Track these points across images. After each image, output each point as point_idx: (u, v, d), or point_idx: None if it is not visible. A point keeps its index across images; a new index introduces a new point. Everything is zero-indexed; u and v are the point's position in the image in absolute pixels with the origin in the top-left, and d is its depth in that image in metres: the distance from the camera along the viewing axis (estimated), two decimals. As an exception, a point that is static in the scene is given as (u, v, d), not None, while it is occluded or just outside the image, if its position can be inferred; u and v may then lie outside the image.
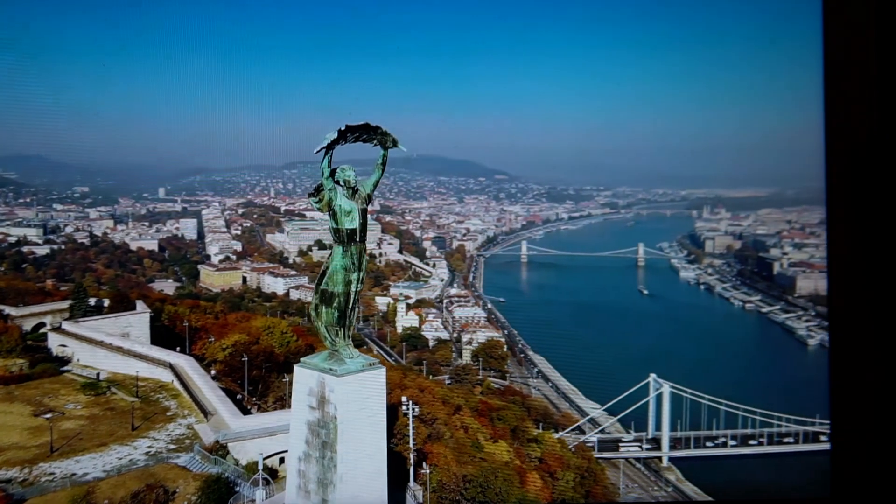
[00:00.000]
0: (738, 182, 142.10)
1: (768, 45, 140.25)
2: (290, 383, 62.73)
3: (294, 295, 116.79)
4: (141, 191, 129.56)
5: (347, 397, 33.27)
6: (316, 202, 32.78)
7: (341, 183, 32.79)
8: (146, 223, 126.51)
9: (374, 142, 33.27)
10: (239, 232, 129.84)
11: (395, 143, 33.29)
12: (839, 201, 26.77)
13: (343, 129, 31.79)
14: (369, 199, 33.40)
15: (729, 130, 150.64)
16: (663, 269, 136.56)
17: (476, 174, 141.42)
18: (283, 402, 61.98)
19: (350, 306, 33.79)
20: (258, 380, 65.11)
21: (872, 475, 25.62)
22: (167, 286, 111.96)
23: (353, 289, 33.47)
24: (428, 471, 50.29)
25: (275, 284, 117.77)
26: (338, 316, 33.76)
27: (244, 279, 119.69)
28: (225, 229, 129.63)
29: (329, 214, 32.94)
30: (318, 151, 31.81)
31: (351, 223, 32.60)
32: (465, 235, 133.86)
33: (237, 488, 45.87)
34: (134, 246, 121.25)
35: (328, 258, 34.31)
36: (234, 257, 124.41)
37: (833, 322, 27.14)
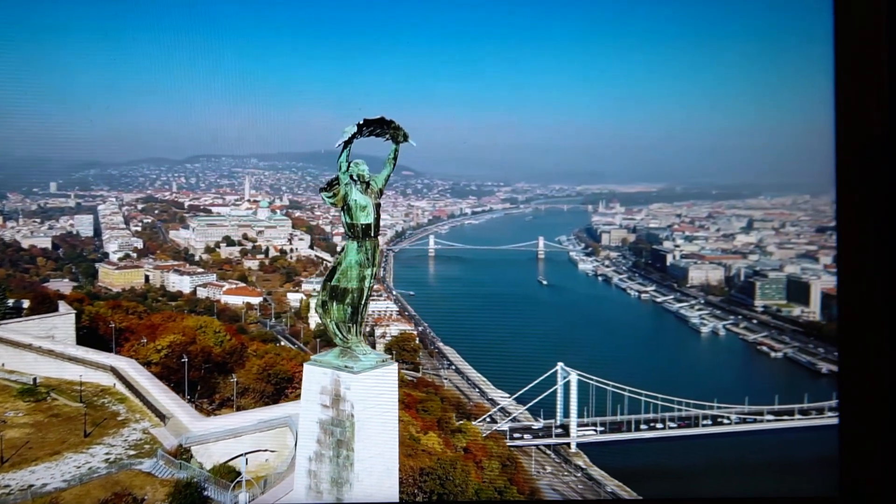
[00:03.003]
0: (629, 178, 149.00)
1: (666, 45, 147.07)
2: (237, 384, 61.81)
3: (201, 293, 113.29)
4: (31, 185, 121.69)
5: (364, 394, 33.23)
6: (329, 197, 32.49)
7: (355, 178, 32.71)
8: (38, 220, 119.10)
9: (387, 136, 33.39)
10: (139, 228, 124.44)
11: (405, 138, 33.52)
12: (850, 200, 27.51)
13: (361, 122, 31.87)
14: (381, 193, 33.45)
15: (628, 130, 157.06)
16: (562, 262, 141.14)
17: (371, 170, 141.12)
18: (231, 404, 60.71)
19: (363, 302, 33.68)
20: (197, 381, 63.28)
21: (882, 474, 25.72)
22: (63, 286, 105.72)
23: (366, 284, 33.41)
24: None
25: (180, 283, 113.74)
26: (351, 312, 33.60)
27: (147, 278, 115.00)
28: (124, 225, 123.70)
29: (342, 210, 32.67)
30: (338, 146, 31.75)
31: (366, 218, 32.58)
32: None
33: (205, 492, 44.80)
34: (25, 244, 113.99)
35: (339, 254, 34.03)
36: (134, 255, 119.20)
37: (843, 321, 27.66)
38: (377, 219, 33.40)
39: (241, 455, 48.87)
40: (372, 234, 33.28)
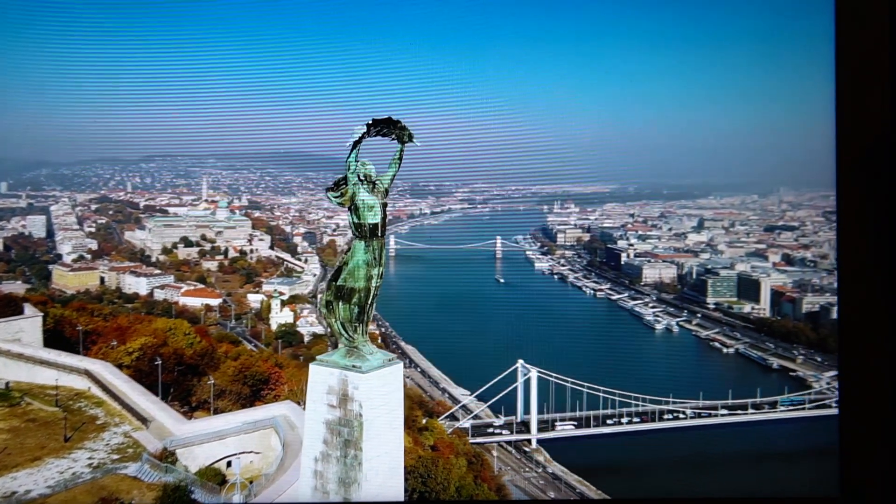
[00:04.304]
0: (583, 178, 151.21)
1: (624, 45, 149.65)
2: (214, 386, 61.03)
3: (159, 295, 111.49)
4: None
5: (372, 394, 33.31)
6: (336, 197, 32.51)
7: (362, 177, 32.79)
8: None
9: (392, 136, 33.51)
10: (93, 229, 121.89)
11: (410, 138, 33.65)
12: (850, 202, 28.00)
13: (370, 122, 31.99)
14: (387, 193, 33.58)
15: (583, 130, 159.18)
16: (520, 261, 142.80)
17: (344, 170, 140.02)
18: (206, 407, 60.05)
19: (370, 302, 33.81)
20: (170, 384, 62.41)
21: (883, 474, 25.68)
22: (16, 288, 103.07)
23: (373, 284, 33.44)
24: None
25: (137, 284, 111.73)
26: (358, 312, 33.68)
27: (102, 279, 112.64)
28: (77, 226, 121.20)
29: (350, 210, 32.71)
30: (348, 146, 31.83)
31: (374, 218, 32.65)
32: (335, 230, 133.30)
33: (193, 496, 44.36)
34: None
35: (346, 254, 33.96)
36: (88, 256, 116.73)
37: (843, 321, 27.99)
38: (384, 218, 33.53)
39: (225, 457, 48.56)
40: (379, 234, 33.36)
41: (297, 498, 36.17)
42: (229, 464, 49.29)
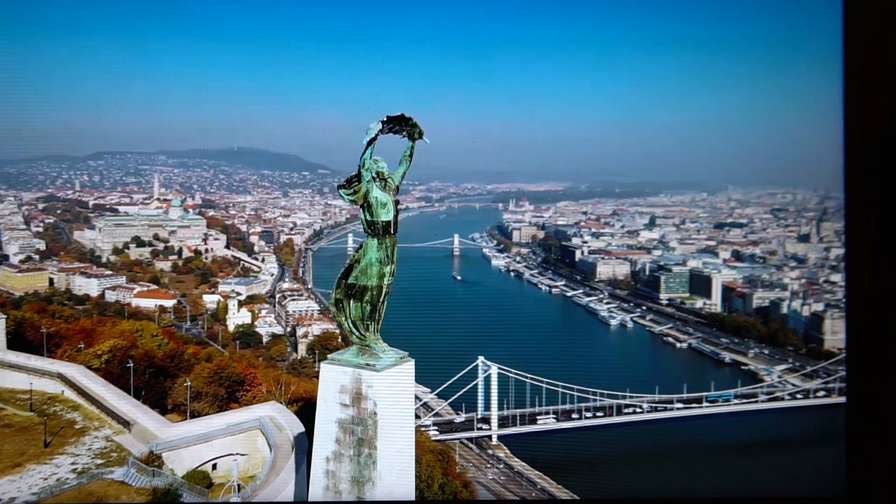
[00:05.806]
0: (536, 177, 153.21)
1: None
2: (191, 388, 59.53)
3: (110, 296, 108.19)
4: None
5: (386, 392, 33.07)
6: (349, 194, 32.00)
7: (374, 175, 32.38)
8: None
9: (403, 133, 33.19)
10: (41, 229, 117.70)
11: (420, 135, 33.37)
12: (858, 202, 28.48)
13: (385, 119, 31.67)
14: (398, 190, 33.27)
15: (536, 129, 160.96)
16: (476, 258, 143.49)
17: (299, 168, 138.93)
18: (181, 409, 58.61)
19: (382, 300, 33.48)
20: (142, 387, 60.71)
21: (889, 475, 25.69)
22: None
23: (385, 282, 33.14)
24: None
25: (87, 286, 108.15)
26: (370, 310, 33.34)
27: (51, 280, 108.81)
28: (24, 226, 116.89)
29: (362, 207, 32.26)
30: (364, 142, 31.44)
31: (387, 215, 32.28)
32: (292, 229, 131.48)
33: (182, 499, 43.36)
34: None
35: (357, 252, 33.48)
36: (36, 257, 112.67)
37: (851, 324, 28.35)
38: (396, 216, 33.15)
39: (211, 460, 47.56)
40: (392, 232, 32.98)
41: (306, 497, 35.60)
42: (214, 466, 48.40)
